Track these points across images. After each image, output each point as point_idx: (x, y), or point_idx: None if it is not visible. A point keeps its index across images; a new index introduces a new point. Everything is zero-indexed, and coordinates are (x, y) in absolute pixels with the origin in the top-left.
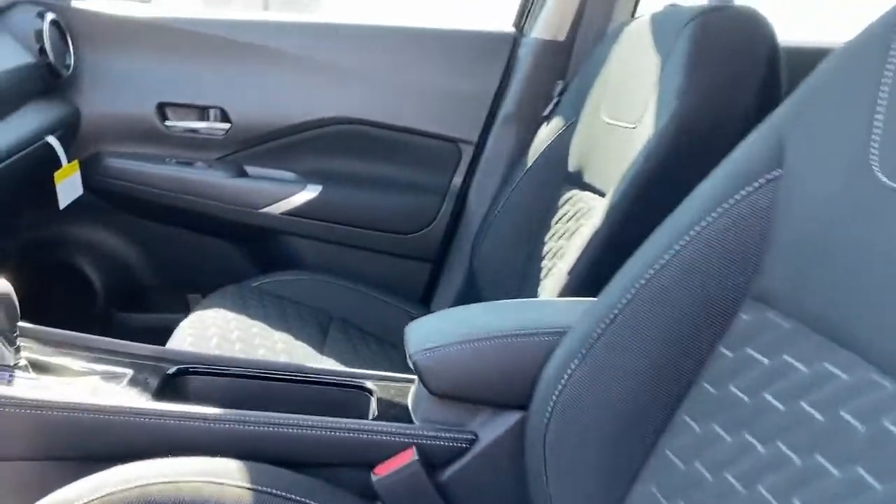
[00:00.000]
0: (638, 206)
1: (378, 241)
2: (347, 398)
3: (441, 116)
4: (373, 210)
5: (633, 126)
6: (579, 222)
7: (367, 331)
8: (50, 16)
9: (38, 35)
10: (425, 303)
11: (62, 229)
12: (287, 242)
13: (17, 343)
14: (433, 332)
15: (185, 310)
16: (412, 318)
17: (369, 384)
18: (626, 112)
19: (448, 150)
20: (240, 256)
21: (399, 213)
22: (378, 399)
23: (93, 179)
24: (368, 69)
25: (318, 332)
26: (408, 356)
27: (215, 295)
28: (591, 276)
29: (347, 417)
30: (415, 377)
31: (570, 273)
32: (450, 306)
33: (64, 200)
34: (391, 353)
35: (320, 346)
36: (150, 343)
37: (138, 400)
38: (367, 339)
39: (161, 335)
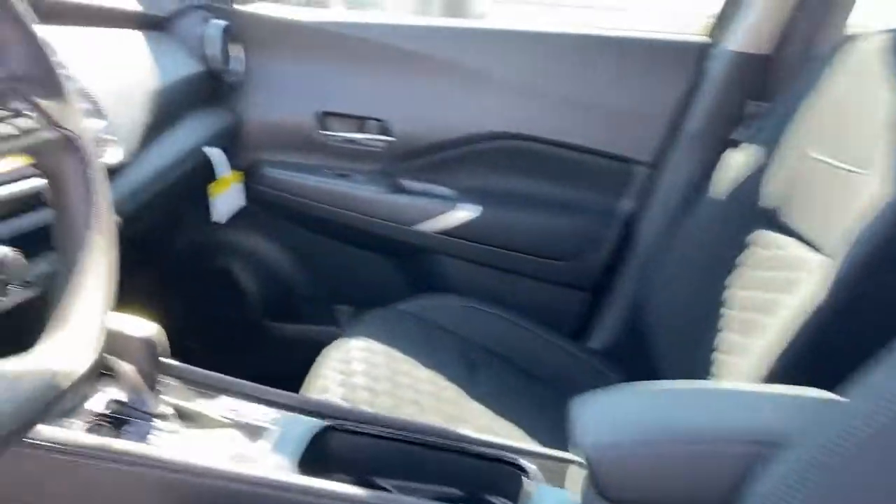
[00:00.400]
0: (875, 280)
1: (534, 266)
2: (500, 473)
3: (613, 133)
4: (530, 232)
5: (861, 171)
6: (780, 274)
7: (516, 365)
8: (217, 22)
9: (205, 42)
10: (580, 336)
11: (219, 235)
12: (438, 262)
13: (160, 388)
14: (609, 420)
15: (334, 323)
16: (564, 354)
17: (524, 462)
18: (847, 151)
19: (618, 170)
20: (391, 272)
21: (559, 236)
22: (534, 483)
23: (250, 188)
24: (537, 80)
25: (466, 369)
26: (575, 443)
27: (363, 320)
28: (808, 358)
29: (498, 497)
30: (574, 456)
31: (778, 348)
32: (608, 344)
33: (220, 213)
34: (541, 393)
35: (468, 386)
36: (297, 358)
37: (281, 466)
38: (517, 376)
39: (309, 349)
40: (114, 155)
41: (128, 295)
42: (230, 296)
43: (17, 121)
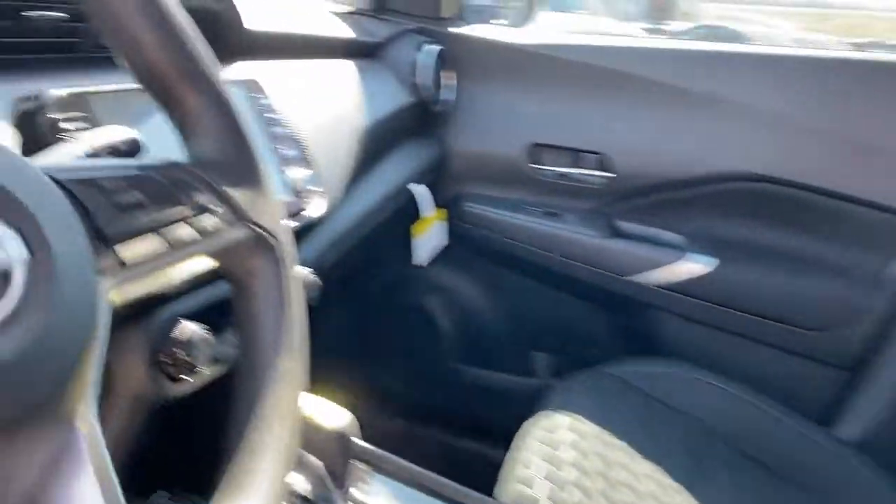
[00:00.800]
0: None
1: (777, 333)
2: None
3: (888, 180)
4: (776, 294)
5: None
6: None
7: (752, 456)
8: (431, 48)
9: (417, 69)
10: (830, 423)
11: (416, 272)
12: (658, 320)
13: (349, 482)
14: None
15: (531, 372)
16: (810, 443)
17: None
18: None
19: (891, 225)
20: (600, 326)
21: (812, 301)
22: None
23: (451, 223)
24: (792, 112)
25: (693, 460)
26: None
27: (569, 386)
28: None
29: None
30: None
31: None
32: (864, 436)
33: (423, 255)
34: (783, 492)
35: (697, 485)
36: (492, 404)
37: None
38: (753, 471)
39: (504, 398)
40: (318, 207)
41: (320, 339)
42: (425, 335)
43: (200, 219)
